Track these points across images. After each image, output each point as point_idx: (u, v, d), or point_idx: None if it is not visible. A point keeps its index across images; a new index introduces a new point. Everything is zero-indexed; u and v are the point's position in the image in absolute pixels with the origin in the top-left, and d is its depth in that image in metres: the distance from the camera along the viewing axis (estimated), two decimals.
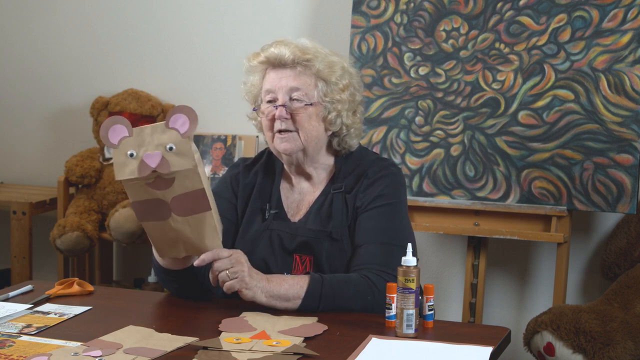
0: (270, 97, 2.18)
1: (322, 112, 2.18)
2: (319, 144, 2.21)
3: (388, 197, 2.17)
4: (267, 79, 2.19)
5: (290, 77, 2.16)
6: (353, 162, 2.24)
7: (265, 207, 2.24)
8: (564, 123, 3.09)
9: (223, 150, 3.77)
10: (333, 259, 2.15)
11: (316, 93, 2.16)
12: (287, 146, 2.17)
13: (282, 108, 2.15)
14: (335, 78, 2.18)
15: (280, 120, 2.15)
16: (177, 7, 3.93)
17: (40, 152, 4.20)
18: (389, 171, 2.21)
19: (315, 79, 2.16)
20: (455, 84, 3.24)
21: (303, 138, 2.16)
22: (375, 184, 2.18)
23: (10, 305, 2.05)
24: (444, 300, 3.58)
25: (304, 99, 2.15)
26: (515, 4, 3.18)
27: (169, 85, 3.95)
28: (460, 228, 3.19)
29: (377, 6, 3.35)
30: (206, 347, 1.78)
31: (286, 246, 2.18)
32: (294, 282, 2.02)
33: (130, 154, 1.84)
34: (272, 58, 2.17)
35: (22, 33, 4.17)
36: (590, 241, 3.41)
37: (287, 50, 2.15)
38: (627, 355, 2.74)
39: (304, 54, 2.15)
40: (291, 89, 2.15)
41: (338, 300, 2.02)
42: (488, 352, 1.77)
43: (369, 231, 2.14)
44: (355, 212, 2.17)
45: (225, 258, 1.96)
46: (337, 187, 2.21)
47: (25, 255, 3.82)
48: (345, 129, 2.21)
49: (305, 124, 2.16)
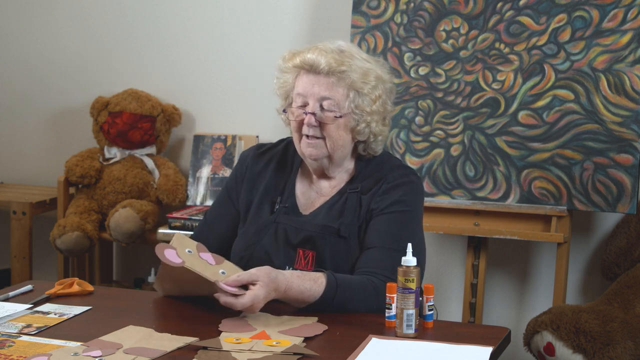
0: (302, 101, 2.16)
1: (351, 123, 2.17)
2: (345, 152, 2.21)
3: (405, 204, 2.16)
4: (300, 81, 2.17)
5: (323, 86, 2.14)
6: (375, 165, 2.24)
7: (275, 199, 2.24)
8: (564, 123, 3.09)
9: (223, 150, 3.77)
10: (337, 257, 2.14)
11: (347, 104, 2.15)
12: (313, 152, 2.17)
13: (311, 116, 2.14)
14: (367, 89, 2.16)
15: (309, 127, 2.15)
16: (177, 7, 3.92)
17: (40, 152, 4.20)
18: (409, 179, 2.20)
19: (347, 89, 2.15)
20: (455, 84, 3.24)
21: (329, 146, 2.16)
22: (395, 189, 2.17)
23: (10, 305, 2.05)
24: (444, 300, 3.58)
25: (335, 109, 2.14)
26: (515, 4, 3.18)
27: (169, 85, 3.95)
28: (460, 228, 3.19)
29: (377, 6, 3.35)
30: (206, 347, 1.78)
31: (291, 240, 2.18)
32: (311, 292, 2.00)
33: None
34: (307, 64, 2.15)
35: (22, 33, 4.17)
36: (590, 241, 3.41)
37: (323, 60, 2.12)
38: (627, 355, 2.74)
39: (340, 65, 2.13)
40: (322, 97, 2.14)
41: (346, 306, 2.03)
42: (488, 352, 1.77)
43: (381, 234, 2.13)
44: (368, 214, 2.17)
45: (243, 301, 1.93)
46: (354, 188, 2.20)
47: (25, 255, 3.82)
48: (372, 137, 2.21)
49: (333, 134, 2.15)
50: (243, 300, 1.91)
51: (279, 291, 1.96)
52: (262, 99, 3.71)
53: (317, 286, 2.00)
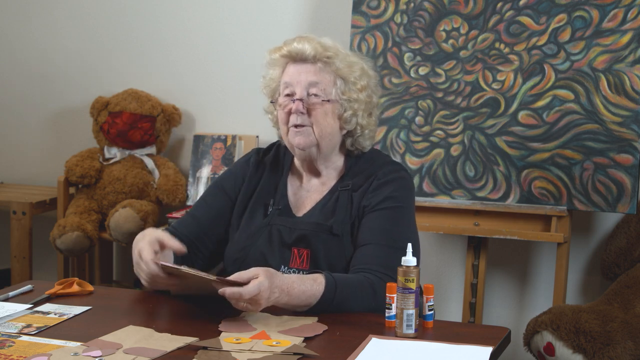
0: (289, 90, 2.19)
1: (338, 110, 2.19)
2: (333, 142, 2.22)
3: (397, 200, 2.17)
4: (287, 72, 2.21)
5: (310, 72, 2.18)
6: (364, 162, 2.25)
7: (269, 202, 2.24)
8: (564, 123, 3.09)
9: (223, 150, 3.77)
10: (331, 255, 2.14)
11: (334, 90, 2.18)
12: (301, 140, 2.18)
13: (299, 102, 2.16)
14: (354, 77, 2.20)
15: (297, 115, 2.17)
16: (178, 7, 3.93)
17: (40, 152, 4.20)
18: (400, 175, 2.21)
19: (334, 76, 2.18)
20: (455, 84, 3.24)
21: (317, 133, 2.17)
22: (385, 185, 2.18)
23: (10, 305, 2.05)
24: (444, 300, 3.58)
25: (322, 94, 2.17)
26: (515, 4, 3.18)
27: (169, 85, 3.95)
28: (460, 228, 3.19)
29: (377, 6, 3.35)
30: (206, 347, 1.78)
31: (285, 239, 2.18)
32: (313, 292, 1.98)
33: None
34: (294, 52, 2.18)
35: (22, 33, 4.17)
36: (590, 241, 3.41)
37: (309, 46, 2.17)
38: (627, 355, 2.74)
39: (326, 51, 2.17)
40: (310, 83, 2.17)
41: (345, 305, 2.02)
42: (488, 352, 1.77)
43: (374, 231, 2.13)
44: (360, 211, 2.17)
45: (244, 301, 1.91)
46: (344, 185, 2.21)
47: (25, 255, 3.82)
48: (359, 129, 2.22)
49: (320, 120, 2.17)
50: (250, 288, 1.88)
51: (282, 290, 1.94)
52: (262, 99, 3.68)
53: (317, 285, 2.00)
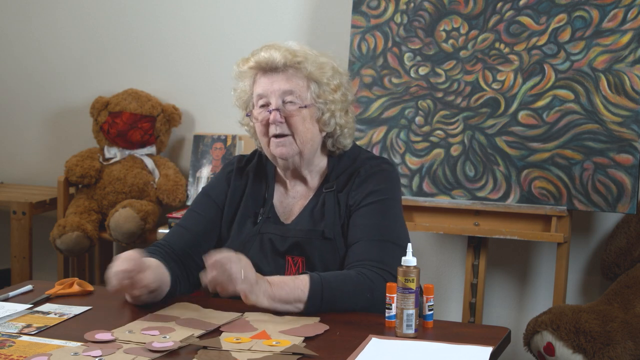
0: (263, 101, 2.17)
1: (316, 114, 2.17)
2: (314, 146, 2.20)
3: (380, 193, 2.16)
4: (259, 83, 2.18)
5: (283, 81, 2.15)
6: (347, 161, 2.24)
7: (258, 211, 2.23)
8: (564, 123, 3.09)
9: (223, 150, 3.77)
10: (326, 259, 2.13)
11: (309, 95, 2.16)
12: (283, 150, 2.16)
13: (276, 112, 2.14)
14: (326, 79, 2.18)
15: (275, 125, 2.14)
16: (177, 7, 3.93)
17: (40, 152, 4.20)
18: (381, 168, 2.21)
19: (307, 80, 2.16)
20: (455, 84, 3.24)
21: (299, 141, 2.16)
22: (367, 181, 2.17)
23: (10, 305, 2.05)
24: (444, 300, 3.58)
25: (298, 101, 2.15)
26: (515, 4, 3.18)
27: (169, 85, 3.95)
28: (460, 228, 3.19)
29: (377, 6, 3.35)
30: (206, 346, 1.78)
31: (278, 248, 2.17)
32: (294, 286, 1.99)
33: None
34: (263, 62, 2.16)
35: (22, 33, 4.17)
36: (590, 241, 3.41)
37: (278, 54, 2.14)
38: (627, 355, 2.74)
39: (295, 57, 2.15)
40: (284, 92, 2.15)
41: (339, 300, 2.01)
42: (488, 352, 1.77)
43: (362, 228, 2.12)
44: (348, 211, 2.17)
45: (237, 262, 1.90)
46: (329, 187, 2.20)
47: (25, 255, 3.82)
48: (339, 129, 2.21)
49: (300, 127, 2.15)
50: (213, 255, 1.89)
51: (260, 277, 1.94)
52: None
53: (299, 281, 1.99)
